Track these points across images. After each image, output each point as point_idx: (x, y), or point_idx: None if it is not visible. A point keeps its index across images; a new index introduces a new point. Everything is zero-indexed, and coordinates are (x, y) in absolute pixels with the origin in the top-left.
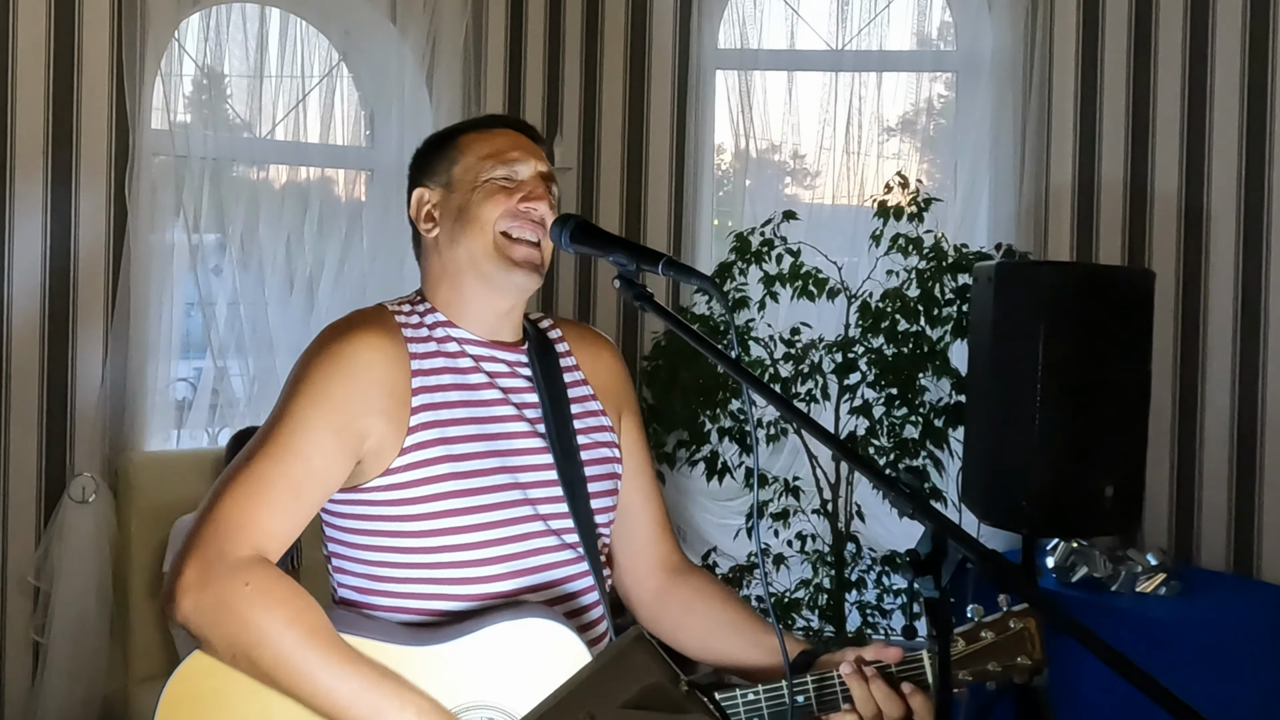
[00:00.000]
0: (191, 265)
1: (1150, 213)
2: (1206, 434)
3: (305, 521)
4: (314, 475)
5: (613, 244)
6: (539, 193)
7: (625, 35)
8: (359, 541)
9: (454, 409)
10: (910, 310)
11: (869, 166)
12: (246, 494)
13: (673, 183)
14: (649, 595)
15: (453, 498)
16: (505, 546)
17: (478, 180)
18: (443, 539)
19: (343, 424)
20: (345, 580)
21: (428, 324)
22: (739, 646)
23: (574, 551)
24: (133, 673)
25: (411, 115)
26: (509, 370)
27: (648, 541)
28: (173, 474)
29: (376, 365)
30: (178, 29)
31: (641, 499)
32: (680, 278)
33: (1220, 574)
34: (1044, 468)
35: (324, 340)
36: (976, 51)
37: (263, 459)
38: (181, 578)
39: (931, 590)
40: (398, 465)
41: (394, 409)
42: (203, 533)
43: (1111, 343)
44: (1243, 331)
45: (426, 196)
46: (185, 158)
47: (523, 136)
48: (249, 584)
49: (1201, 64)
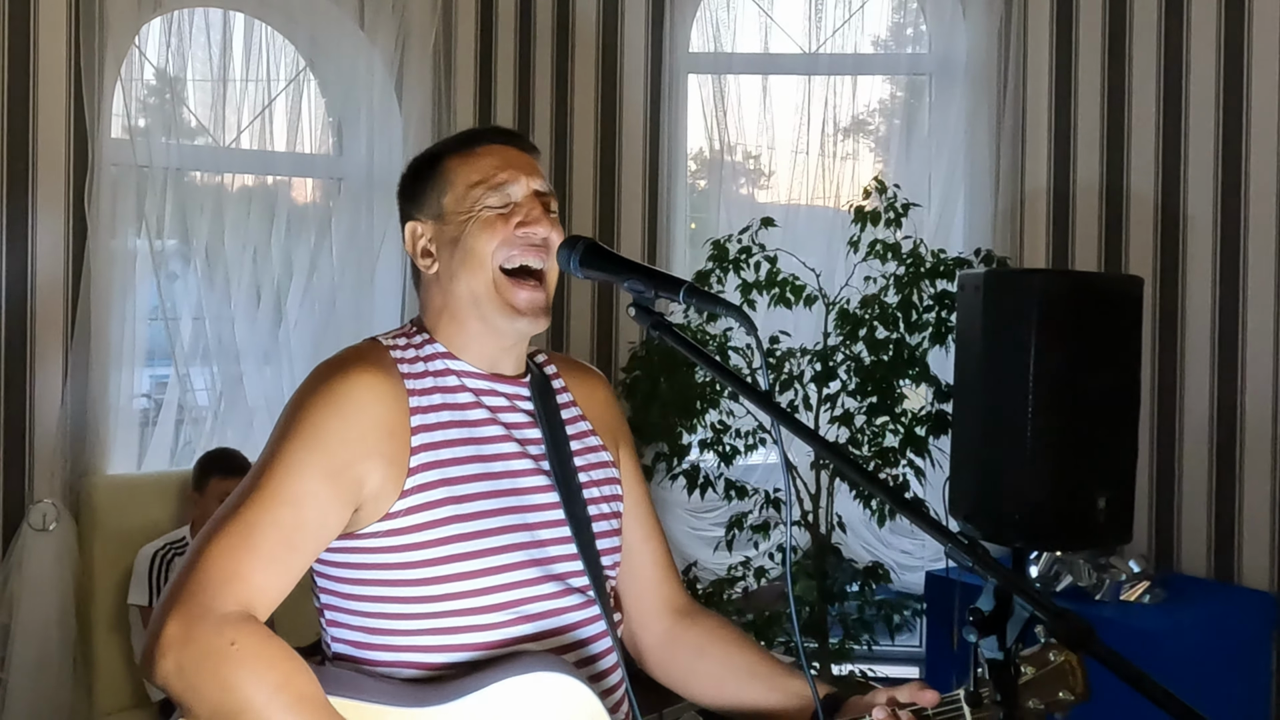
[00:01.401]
0: (154, 278)
1: (1126, 216)
2: (1186, 439)
3: (298, 575)
4: (307, 524)
5: (627, 269)
6: (536, 214)
7: (597, 39)
8: (356, 592)
9: (455, 447)
10: (889, 317)
11: (844, 171)
12: (234, 544)
13: (646, 188)
14: (655, 640)
15: (457, 542)
16: (513, 592)
17: (470, 210)
18: (447, 586)
19: (339, 469)
20: (340, 634)
21: (424, 357)
22: (757, 691)
23: (584, 595)
24: (97, 707)
25: (381, 122)
26: (509, 404)
27: (651, 582)
28: (137, 498)
29: (374, 405)
30: (138, 34)
31: (643, 536)
32: (704, 306)
33: (1201, 580)
34: (1037, 479)
35: (317, 379)
36: (951, 56)
37: (252, 506)
38: (163, 635)
39: (995, 652)
40: (398, 509)
41: (393, 451)
42: (186, 586)
43: (1101, 351)
44: (1221, 336)
45: (419, 230)
46: (147, 167)
47: (511, 150)
48: (234, 643)
49: (1176, 66)
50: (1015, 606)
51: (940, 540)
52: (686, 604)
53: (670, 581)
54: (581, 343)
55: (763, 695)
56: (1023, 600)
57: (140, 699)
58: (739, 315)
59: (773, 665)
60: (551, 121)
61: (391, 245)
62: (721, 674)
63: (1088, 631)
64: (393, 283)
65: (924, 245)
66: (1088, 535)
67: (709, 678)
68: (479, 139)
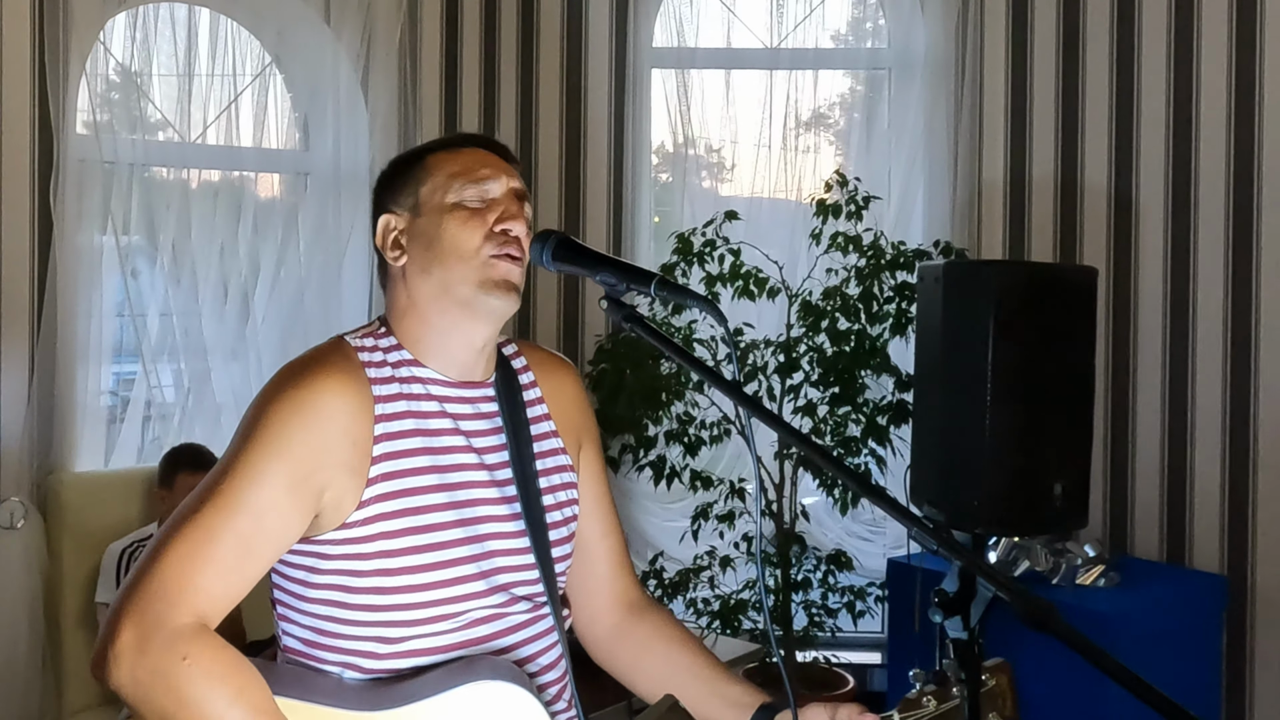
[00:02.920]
0: (121, 274)
1: (1081, 207)
2: (1138, 426)
3: (253, 582)
4: (266, 532)
5: (599, 262)
6: (513, 211)
7: (561, 34)
8: (308, 594)
9: (415, 457)
10: (850, 308)
11: (805, 164)
12: (192, 552)
13: (611, 182)
14: (604, 632)
15: (409, 554)
16: (459, 604)
17: (446, 202)
18: (395, 597)
19: (301, 478)
20: (291, 630)
21: (391, 362)
22: (697, 694)
23: (532, 602)
24: (66, 705)
25: (347, 117)
26: (473, 411)
27: (605, 577)
28: (105, 495)
29: (340, 414)
30: (103, 29)
31: (600, 532)
32: (674, 298)
33: (1154, 563)
34: (996, 466)
35: (282, 382)
36: (910, 51)
37: (211, 512)
38: (117, 642)
39: (959, 631)
40: (354, 520)
41: (355, 460)
42: (140, 592)
43: (1058, 340)
44: (1172, 324)
45: (393, 223)
46: (112, 163)
47: (491, 155)
48: (187, 658)
49: (1128, 61)
50: (979, 588)
51: (906, 524)
52: (638, 598)
53: (623, 577)
54: (548, 335)
55: (701, 698)
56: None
57: (109, 696)
58: (709, 307)
59: (714, 669)
60: (516, 116)
61: (359, 240)
62: (664, 672)
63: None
64: (360, 278)
65: (884, 237)
66: (1046, 520)
67: (652, 674)
68: (463, 141)
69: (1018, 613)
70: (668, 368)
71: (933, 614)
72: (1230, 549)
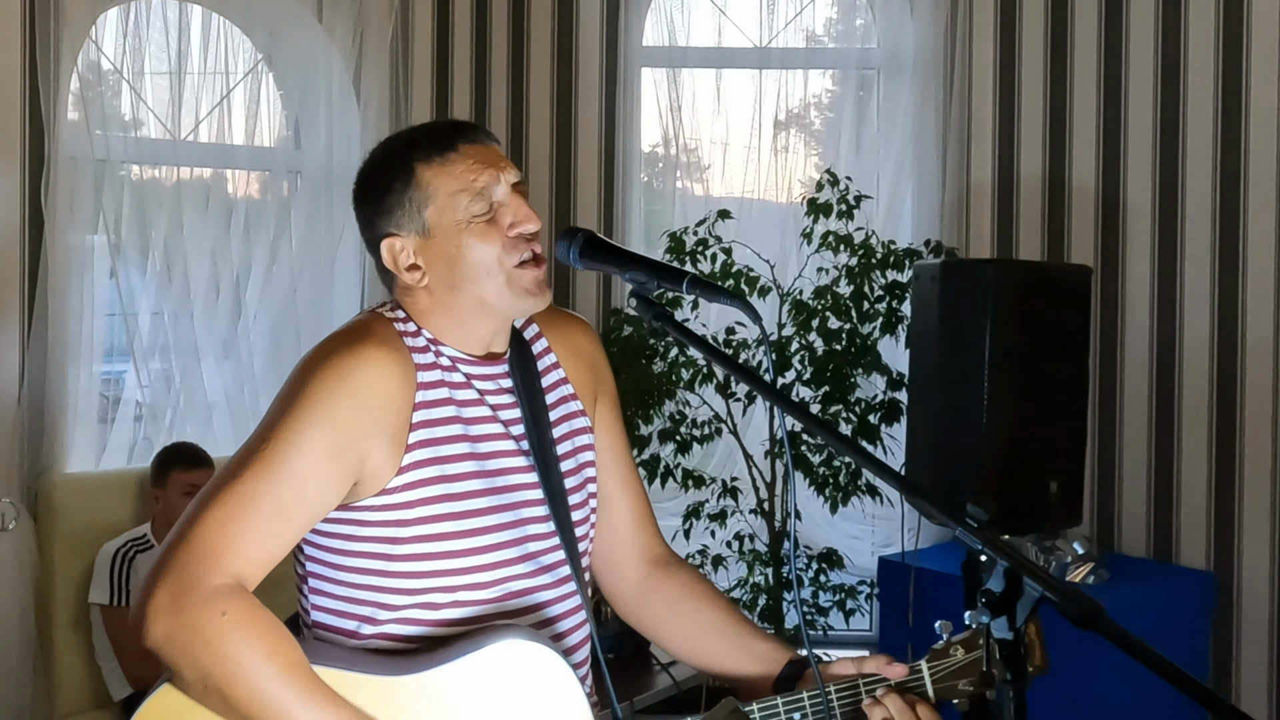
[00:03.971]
0: (112, 272)
1: (1069, 207)
2: (1126, 424)
3: (289, 547)
4: (305, 499)
5: (629, 261)
6: (523, 212)
7: (552, 32)
8: (343, 563)
9: (448, 426)
10: (841, 307)
11: (795, 164)
12: (230, 515)
13: (602, 181)
14: (629, 589)
15: (445, 520)
16: (494, 571)
17: (457, 221)
18: (432, 564)
19: (343, 446)
20: (322, 603)
21: (425, 338)
22: (725, 652)
23: (558, 574)
24: (58, 708)
25: (339, 115)
26: (495, 386)
27: (627, 531)
28: (96, 496)
29: (384, 382)
30: (94, 26)
31: (619, 486)
32: (707, 296)
33: (1142, 561)
34: (992, 465)
35: (329, 350)
36: (899, 51)
37: (252, 478)
38: (153, 600)
39: (1005, 632)
40: (393, 486)
41: (396, 428)
42: (178, 554)
43: (1053, 339)
44: (1159, 322)
45: (400, 246)
46: (104, 160)
47: (478, 148)
48: (225, 614)
49: (1116, 62)
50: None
51: (950, 525)
52: (664, 554)
53: (647, 531)
54: None
55: (730, 656)
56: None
57: (102, 700)
58: (744, 305)
59: (741, 625)
60: (507, 114)
61: (350, 238)
62: (692, 629)
63: (1097, 610)
64: (352, 275)
65: (875, 236)
66: (1040, 518)
67: (679, 632)
68: (441, 141)
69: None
70: (660, 367)
71: (980, 614)
72: (1217, 547)
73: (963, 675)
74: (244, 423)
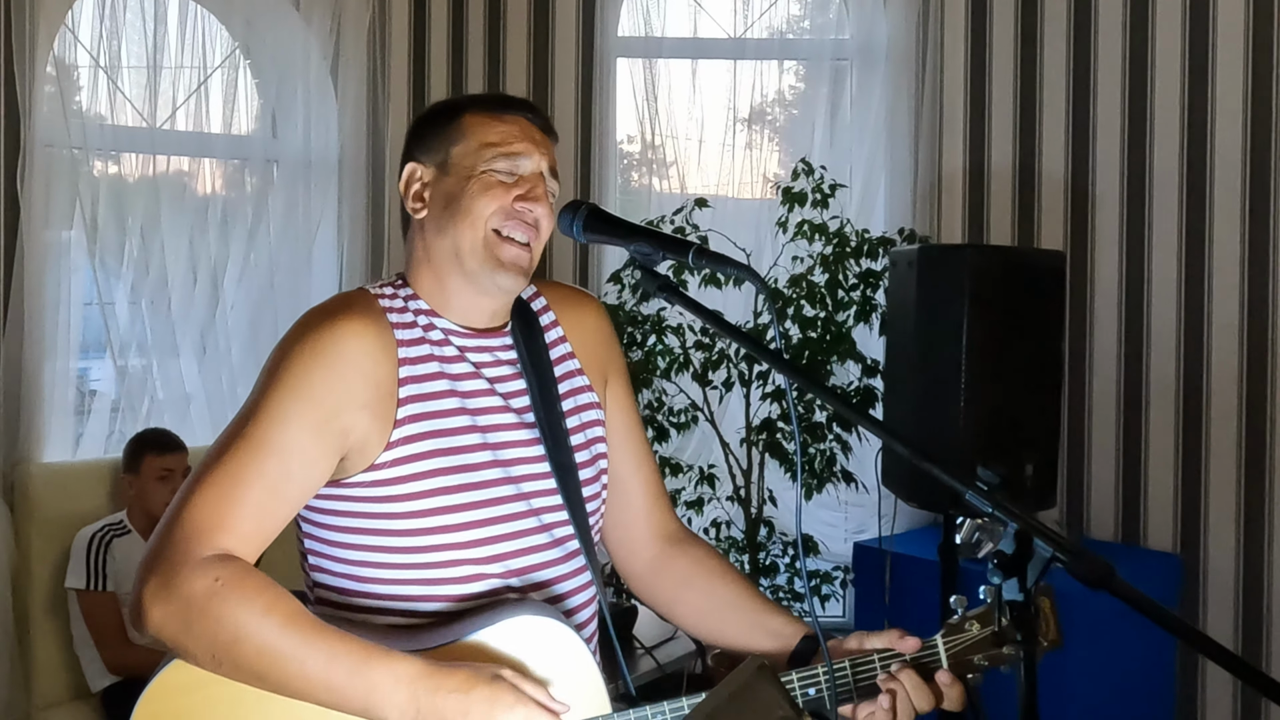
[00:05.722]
0: (89, 262)
1: (1038, 195)
2: (1095, 408)
3: (282, 524)
4: (291, 474)
5: (633, 232)
6: (538, 193)
7: (528, 23)
8: (341, 539)
9: (442, 399)
10: (816, 295)
11: (770, 153)
12: (217, 494)
13: (578, 170)
14: (643, 566)
15: (443, 494)
16: (500, 545)
17: (475, 169)
18: (432, 538)
19: (324, 420)
20: (324, 579)
21: (412, 310)
22: (739, 627)
23: (567, 547)
24: (35, 698)
25: (316, 104)
26: (493, 359)
27: (641, 509)
28: (73, 485)
29: (362, 356)
30: (69, 14)
31: (633, 464)
32: (714, 267)
33: (1110, 544)
34: (968, 449)
35: (306, 326)
36: (872, 42)
37: (236, 455)
38: (147, 587)
39: (1016, 593)
40: (384, 460)
41: (380, 402)
42: (169, 538)
43: (1028, 323)
44: (1127, 308)
45: (419, 173)
46: (80, 149)
47: (533, 126)
48: (219, 579)
49: (1085, 53)
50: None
51: (960, 489)
52: (677, 530)
53: (660, 508)
54: None
55: (744, 631)
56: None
57: (80, 690)
58: (750, 274)
59: (755, 601)
60: None
61: (328, 227)
62: (705, 605)
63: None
64: (329, 264)
65: (849, 225)
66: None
67: (692, 608)
68: (508, 105)
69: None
70: (638, 356)
71: (991, 576)
72: (1183, 529)
73: (978, 650)
74: (221, 413)
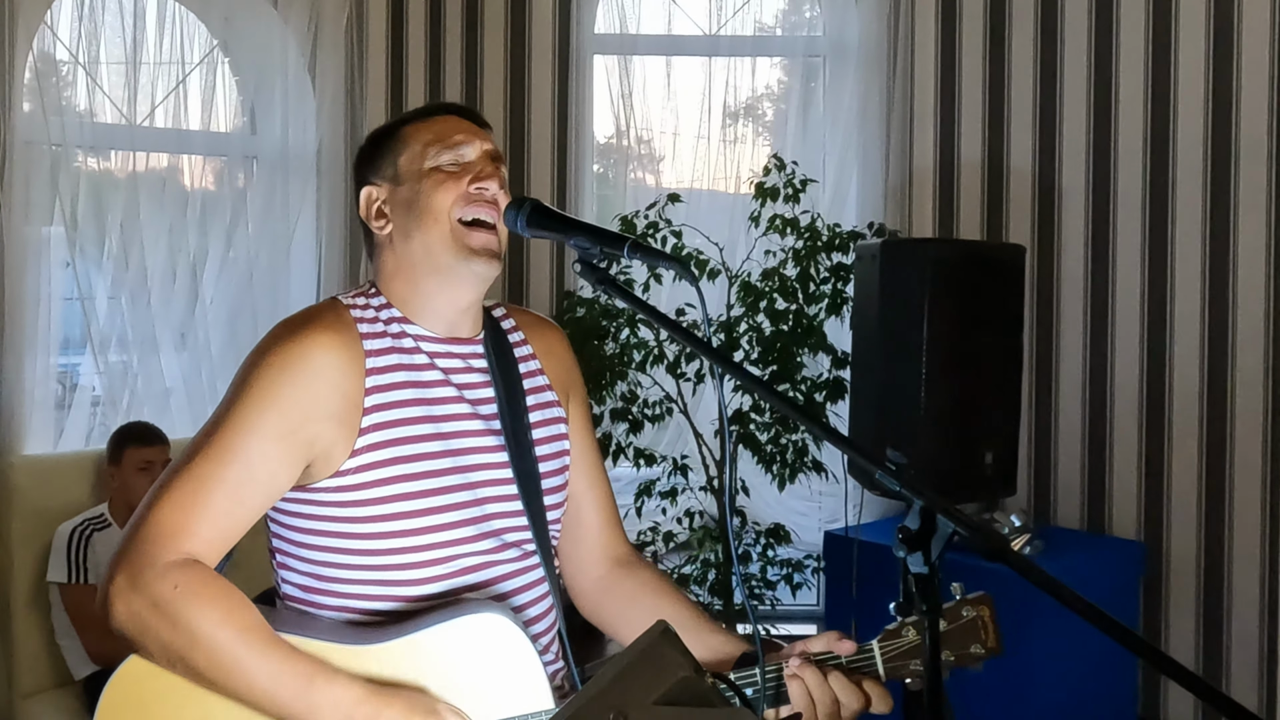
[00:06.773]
0: (69, 259)
1: (1006, 190)
2: (1061, 399)
3: (245, 528)
4: (256, 480)
5: (573, 227)
6: (488, 171)
7: (505, 20)
8: (305, 540)
9: (407, 408)
10: (788, 289)
11: (744, 148)
12: (183, 499)
13: (555, 167)
14: (591, 584)
15: (403, 500)
16: (451, 549)
17: (424, 168)
18: (391, 541)
19: (290, 430)
20: (289, 577)
21: (383, 319)
22: None
23: (521, 549)
24: (17, 687)
25: (294, 101)
26: (464, 365)
27: (593, 528)
28: (54, 478)
29: (329, 369)
30: (49, 11)
31: (586, 485)
32: (647, 260)
33: (1075, 532)
34: (929, 437)
35: (275, 339)
36: (844, 39)
37: (203, 461)
38: (113, 584)
39: (921, 566)
40: (348, 468)
41: (345, 412)
42: (136, 538)
43: (988, 315)
44: (1093, 301)
45: (374, 194)
46: (60, 146)
47: (464, 120)
48: (177, 586)
49: (1052, 50)
50: (939, 524)
51: (872, 467)
52: (626, 554)
53: (611, 529)
54: None
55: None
56: (945, 517)
57: (63, 678)
58: (682, 268)
59: (699, 619)
60: (461, 99)
61: (306, 223)
62: (648, 623)
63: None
64: (308, 260)
65: (821, 220)
66: (977, 488)
67: (637, 626)
68: (435, 110)
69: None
70: (613, 349)
71: (896, 549)
72: (1147, 517)
73: (914, 655)
74: (201, 408)
